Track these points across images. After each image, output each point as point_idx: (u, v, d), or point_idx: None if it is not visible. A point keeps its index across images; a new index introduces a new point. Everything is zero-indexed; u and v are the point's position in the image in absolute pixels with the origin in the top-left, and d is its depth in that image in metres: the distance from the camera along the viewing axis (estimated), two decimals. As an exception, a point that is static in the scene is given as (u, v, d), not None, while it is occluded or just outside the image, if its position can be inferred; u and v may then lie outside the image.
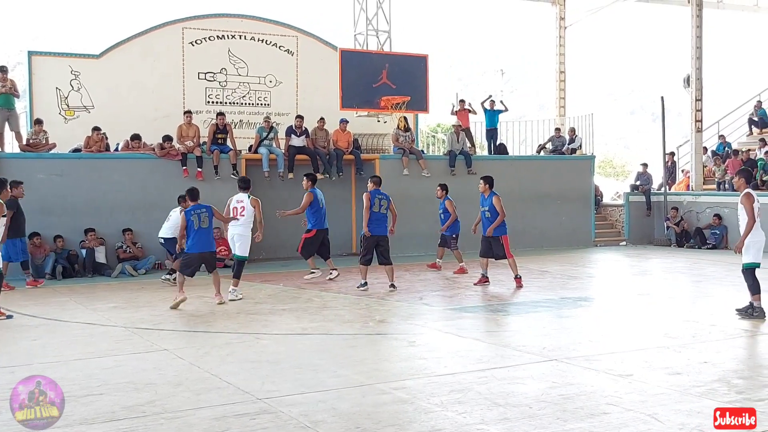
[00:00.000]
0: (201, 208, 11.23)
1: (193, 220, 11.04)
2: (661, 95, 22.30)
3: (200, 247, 11.12)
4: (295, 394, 6.45)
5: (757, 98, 25.36)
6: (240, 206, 12.03)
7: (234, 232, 12.03)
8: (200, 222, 11.07)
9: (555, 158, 21.36)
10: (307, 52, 20.24)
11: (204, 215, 11.15)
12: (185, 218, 11.13)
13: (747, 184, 10.06)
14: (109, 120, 17.57)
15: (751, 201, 9.60)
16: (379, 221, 12.82)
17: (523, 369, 7.24)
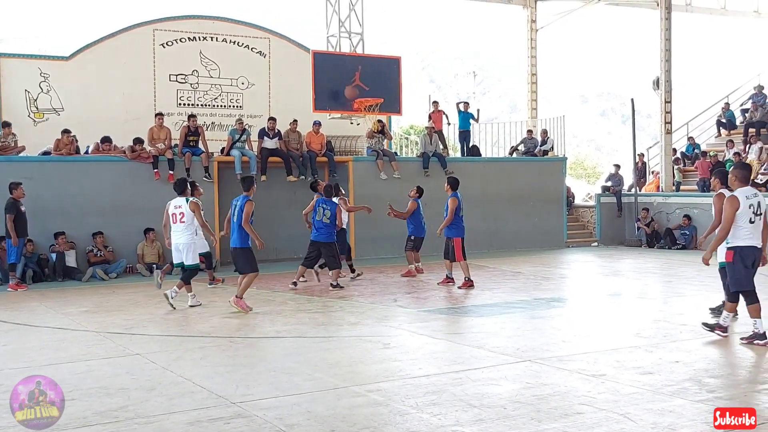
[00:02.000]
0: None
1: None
2: (631, 97, 22.57)
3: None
4: (270, 398, 6.42)
5: (725, 100, 25.70)
6: (179, 212, 11.29)
7: (178, 241, 11.28)
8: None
9: (527, 160, 21.49)
10: (279, 54, 20.20)
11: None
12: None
13: (722, 185, 9.13)
14: (79, 122, 17.43)
15: (721, 201, 8.78)
16: (319, 230, 12.97)
17: (497, 370, 7.26)
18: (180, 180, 11.78)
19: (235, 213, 10.95)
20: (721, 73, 65.16)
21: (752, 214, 8.17)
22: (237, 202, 11.01)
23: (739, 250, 8.23)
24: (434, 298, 12.20)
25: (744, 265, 8.21)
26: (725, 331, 8.50)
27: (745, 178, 8.40)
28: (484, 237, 19.98)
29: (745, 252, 8.22)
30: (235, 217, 10.90)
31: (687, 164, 23.67)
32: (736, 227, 8.20)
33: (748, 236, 8.20)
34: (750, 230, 8.19)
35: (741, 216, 8.14)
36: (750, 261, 8.25)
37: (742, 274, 8.23)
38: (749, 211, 8.16)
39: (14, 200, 13.77)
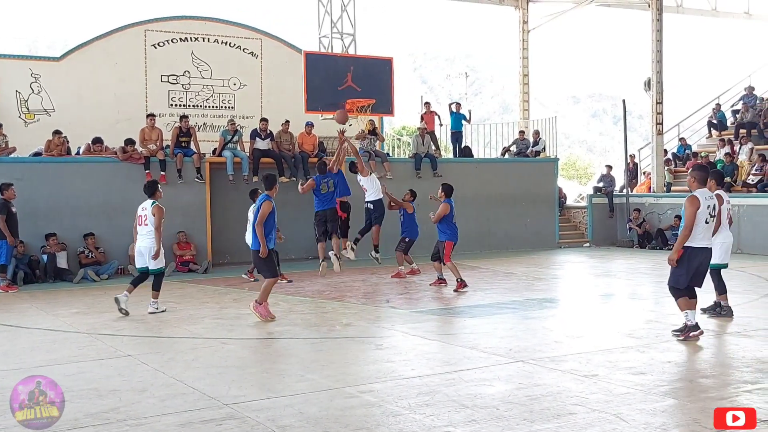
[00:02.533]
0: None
1: None
2: (623, 98, 22.63)
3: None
4: (262, 399, 6.41)
5: (716, 101, 25.79)
6: (144, 214, 10.86)
7: (141, 244, 10.89)
8: None
9: (519, 161, 21.52)
10: (271, 55, 20.17)
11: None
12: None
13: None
14: (70, 123, 17.38)
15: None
16: (324, 200, 13.80)
17: (490, 371, 7.26)
18: (149, 182, 11.48)
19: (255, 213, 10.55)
20: (712, 74, 65.43)
21: (708, 215, 8.33)
22: (258, 203, 10.52)
23: (689, 250, 8.33)
24: (426, 299, 12.20)
25: (689, 265, 8.34)
26: (696, 328, 8.48)
27: (703, 179, 8.52)
28: (477, 238, 20.00)
29: (694, 253, 8.33)
30: (252, 217, 10.75)
31: (678, 165, 23.74)
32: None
33: (701, 238, 8.33)
34: (703, 232, 8.34)
35: (699, 217, 8.26)
36: (696, 263, 8.37)
37: (683, 274, 8.38)
38: (707, 212, 8.32)
39: (5, 201, 13.73)
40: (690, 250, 8.32)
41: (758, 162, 20.23)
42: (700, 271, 8.46)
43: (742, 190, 19.99)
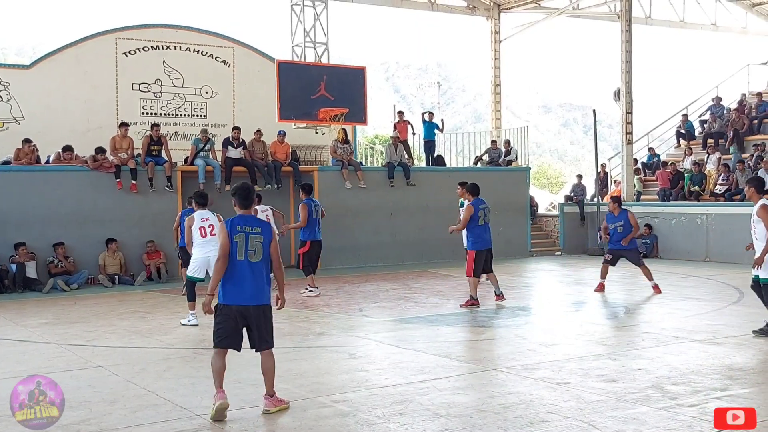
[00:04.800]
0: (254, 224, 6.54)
1: (237, 242, 6.37)
2: (593, 108, 22.85)
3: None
4: (235, 410, 6.36)
5: (683, 111, 26.13)
6: (208, 224, 10.57)
7: (211, 254, 10.25)
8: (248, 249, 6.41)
9: (492, 170, 21.62)
10: (243, 64, 20.13)
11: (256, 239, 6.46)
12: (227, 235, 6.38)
13: (759, 194, 8.75)
14: (40, 131, 17.19)
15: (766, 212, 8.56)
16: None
17: (463, 379, 7.29)
18: (204, 193, 11.08)
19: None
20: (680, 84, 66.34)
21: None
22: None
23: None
24: (400, 307, 12.21)
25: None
26: None
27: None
28: (449, 246, 20.04)
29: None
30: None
31: (647, 174, 24.00)
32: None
33: None
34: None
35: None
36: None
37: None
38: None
39: None
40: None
41: (724, 172, 20.52)
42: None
43: (710, 200, 20.25)
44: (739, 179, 19.87)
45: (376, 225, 19.16)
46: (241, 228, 6.31)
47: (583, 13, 26.11)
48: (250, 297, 6.30)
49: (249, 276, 6.28)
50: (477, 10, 25.15)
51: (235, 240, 6.28)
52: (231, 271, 6.28)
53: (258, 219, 6.62)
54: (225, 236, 6.29)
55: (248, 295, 6.30)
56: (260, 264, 6.33)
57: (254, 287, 6.31)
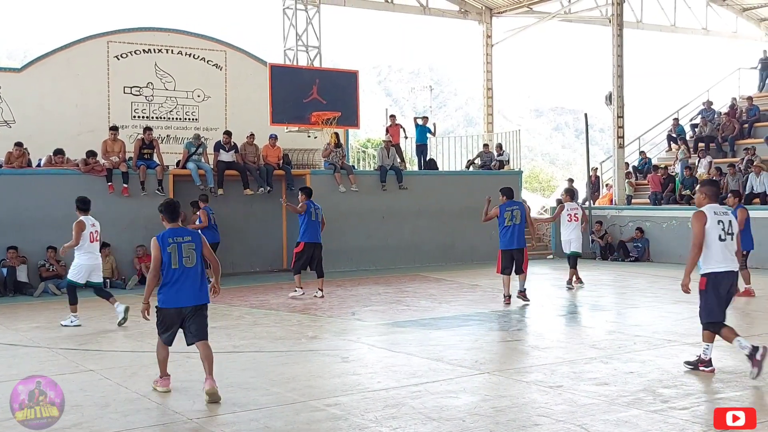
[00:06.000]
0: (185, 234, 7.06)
1: (170, 253, 6.86)
2: (585, 112, 22.91)
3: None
4: (227, 414, 6.36)
5: (674, 116, 26.24)
6: (93, 230, 10.93)
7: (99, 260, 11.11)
8: (182, 257, 6.91)
9: (484, 173, 21.65)
10: (235, 67, 20.12)
11: (189, 246, 6.96)
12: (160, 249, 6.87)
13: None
14: (31, 135, 17.14)
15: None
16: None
17: (455, 383, 7.29)
18: (84, 199, 11.11)
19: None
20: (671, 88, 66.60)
21: (722, 231, 7.40)
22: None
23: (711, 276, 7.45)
24: (392, 311, 12.21)
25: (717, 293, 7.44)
26: (708, 365, 7.49)
27: (714, 195, 7.63)
28: (441, 250, 20.08)
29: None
30: None
31: (639, 178, 24.08)
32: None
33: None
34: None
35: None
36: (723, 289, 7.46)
37: (712, 303, 7.43)
38: (718, 228, 7.40)
39: None
40: (714, 275, 7.37)
41: (716, 175, 20.59)
42: (726, 300, 7.47)
43: (702, 203, 20.30)
44: (730, 183, 19.96)
45: (368, 229, 19.15)
46: (172, 240, 6.87)
47: (575, 17, 26.20)
48: (188, 299, 6.89)
49: (186, 280, 6.87)
50: (469, 14, 25.21)
51: (169, 251, 6.84)
52: (168, 278, 6.86)
53: (187, 229, 7.23)
54: (157, 251, 6.84)
55: (187, 297, 6.89)
56: (195, 268, 6.91)
57: (192, 289, 6.90)
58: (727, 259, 7.38)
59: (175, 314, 6.91)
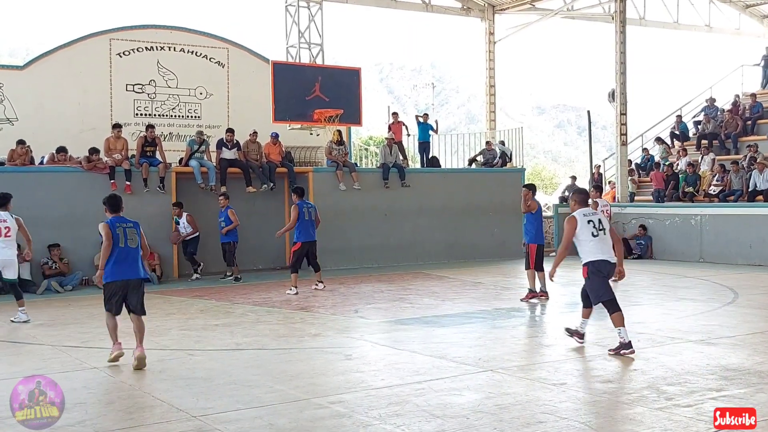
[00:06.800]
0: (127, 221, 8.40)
1: (118, 234, 8.15)
2: (587, 109, 22.89)
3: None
4: (231, 411, 6.35)
5: (678, 113, 26.20)
6: (3, 226, 11.20)
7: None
8: (127, 239, 8.20)
9: (486, 171, 21.64)
10: (238, 65, 20.11)
11: (132, 231, 8.31)
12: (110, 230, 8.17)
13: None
14: (34, 132, 17.15)
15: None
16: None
17: (459, 380, 7.28)
18: (3, 194, 11.56)
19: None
20: (674, 85, 66.48)
21: (594, 228, 8.53)
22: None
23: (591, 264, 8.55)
24: (395, 308, 12.20)
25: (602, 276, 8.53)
26: (582, 337, 8.84)
27: (583, 201, 8.97)
28: (444, 247, 20.08)
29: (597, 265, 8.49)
30: None
31: (642, 175, 24.05)
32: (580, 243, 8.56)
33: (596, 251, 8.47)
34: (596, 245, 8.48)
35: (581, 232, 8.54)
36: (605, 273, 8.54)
37: (601, 287, 8.57)
38: (589, 227, 8.54)
39: None
40: (592, 263, 8.51)
41: (719, 172, 20.57)
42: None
43: (705, 201, 20.31)
44: (733, 180, 19.95)
45: (370, 226, 19.15)
46: (119, 224, 8.21)
47: (578, 14, 26.16)
48: (130, 272, 8.13)
49: (128, 258, 8.13)
50: (471, 11, 25.17)
51: (117, 233, 8.10)
52: (114, 256, 8.07)
53: (128, 218, 8.42)
54: (108, 230, 8.09)
55: (129, 271, 8.13)
56: (136, 249, 8.23)
57: (133, 265, 8.19)
58: (603, 252, 8.48)
59: (120, 286, 8.05)
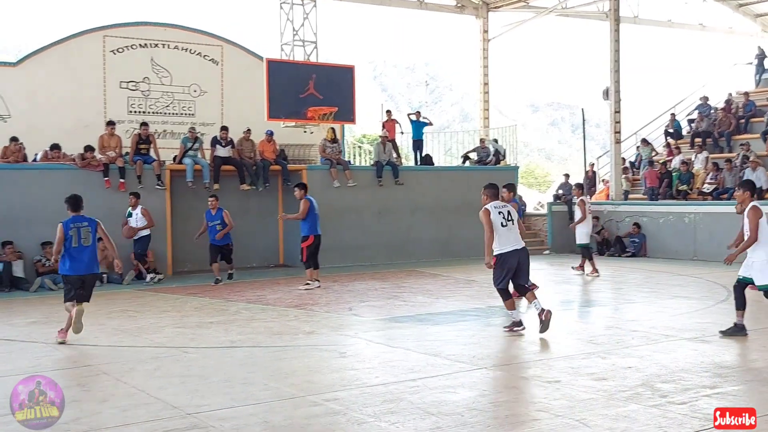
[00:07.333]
0: (83, 221, 9.30)
1: (72, 235, 9.10)
2: (581, 107, 22.90)
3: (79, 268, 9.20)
4: (226, 408, 6.35)
5: (672, 111, 26.25)
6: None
7: None
8: (81, 238, 9.15)
9: (480, 169, 21.64)
10: (232, 62, 20.07)
11: (86, 230, 9.22)
12: (63, 231, 9.12)
13: (752, 197, 9.10)
14: (27, 129, 17.09)
15: (757, 215, 8.81)
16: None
17: (454, 378, 7.29)
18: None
19: None
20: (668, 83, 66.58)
21: (503, 219, 9.70)
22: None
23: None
24: (389, 306, 12.21)
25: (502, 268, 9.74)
26: (520, 324, 9.72)
27: (494, 195, 9.89)
28: (438, 245, 20.09)
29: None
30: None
31: (636, 173, 24.08)
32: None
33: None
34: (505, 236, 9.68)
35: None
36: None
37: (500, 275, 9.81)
38: (499, 218, 9.64)
39: None
40: (500, 256, 9.71)
41: (713, 170, 20.62)
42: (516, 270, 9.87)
43: (698, 198, 20.35)
44: (726, 178, 20.00)
45: (364, 224, 19.15)
46: (74, 225, 9.14)
47: (572, 12, 26.18)
48: (85, 269, 9.17)
49: (83, 255, 9.14)
50: (465, 9, 25.17)
51: (70, 234, 9.08)
52: (69, 253, 9.10)
53: (85, 217, 9.36)
54: (61, 231, 9.07)
55: (83, 267, 9.15)
56: (91, 247, 9.21)
57: (88, 262, 9.20)
58: (510, 241, 9.85)
59: (76, 280, 9.15)
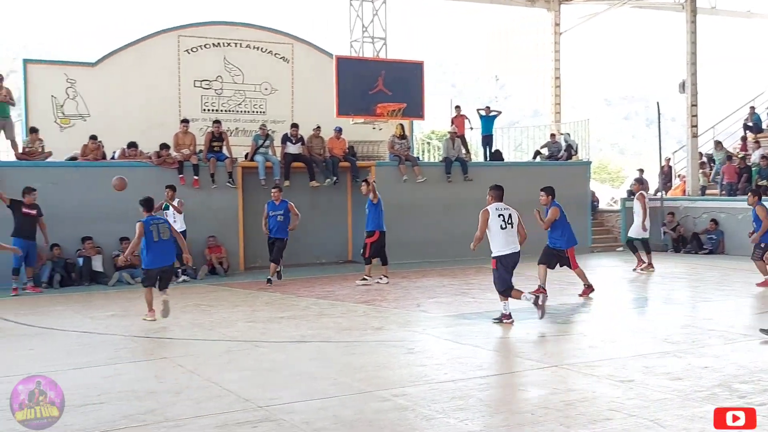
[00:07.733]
0: (159, 219, 10.70)
1: (152, 230, 10.39)
2: (657, 100, 22.34)
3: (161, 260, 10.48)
4: (296, 402, 6.42)
5: (751, 104, 25.42)
6: None
7: None
8: (160, 233, 10.42)
9: (551, 164, 21.34)
10: (302, 60, 20.25)
11: (163, 226, 10.55)
12: (143, 228, 10.38)
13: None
14: (104, 128, 17.54)
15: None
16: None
17: (523, 375, 7.22)
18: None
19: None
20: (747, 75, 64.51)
21: (503, 221, 9.99)
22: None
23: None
24: (457, 303, 12.16)
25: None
26: (509, 317, 9.96)
27: (498, 196, 10.26)
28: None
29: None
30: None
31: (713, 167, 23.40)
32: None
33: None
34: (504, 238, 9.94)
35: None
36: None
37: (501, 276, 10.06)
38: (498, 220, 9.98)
39: (19, 203, 13.86)
40: (500, 258, 10.00)
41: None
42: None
43: (778, 194, 19.65)
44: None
45: (433, 220, 19.08)
46: (153, 222, 10.42)
47: (646, 3, 25.61)
48: (164, 260, 10.47)
49: (163, 249, 10.39)
50: (537, 2, 24.85)
51: (151, 229, 10.30)
52: (150, 248, 10.29)
53: (159, 216, 10.83)
54: (141, 228, 10.29)
55: (163, 259, 10.43)
56: (169, 241, 10.46)
57: (167, 255, 10.53)
58: (509, 243, 10.08)
59: (157, 272, 10.36)
